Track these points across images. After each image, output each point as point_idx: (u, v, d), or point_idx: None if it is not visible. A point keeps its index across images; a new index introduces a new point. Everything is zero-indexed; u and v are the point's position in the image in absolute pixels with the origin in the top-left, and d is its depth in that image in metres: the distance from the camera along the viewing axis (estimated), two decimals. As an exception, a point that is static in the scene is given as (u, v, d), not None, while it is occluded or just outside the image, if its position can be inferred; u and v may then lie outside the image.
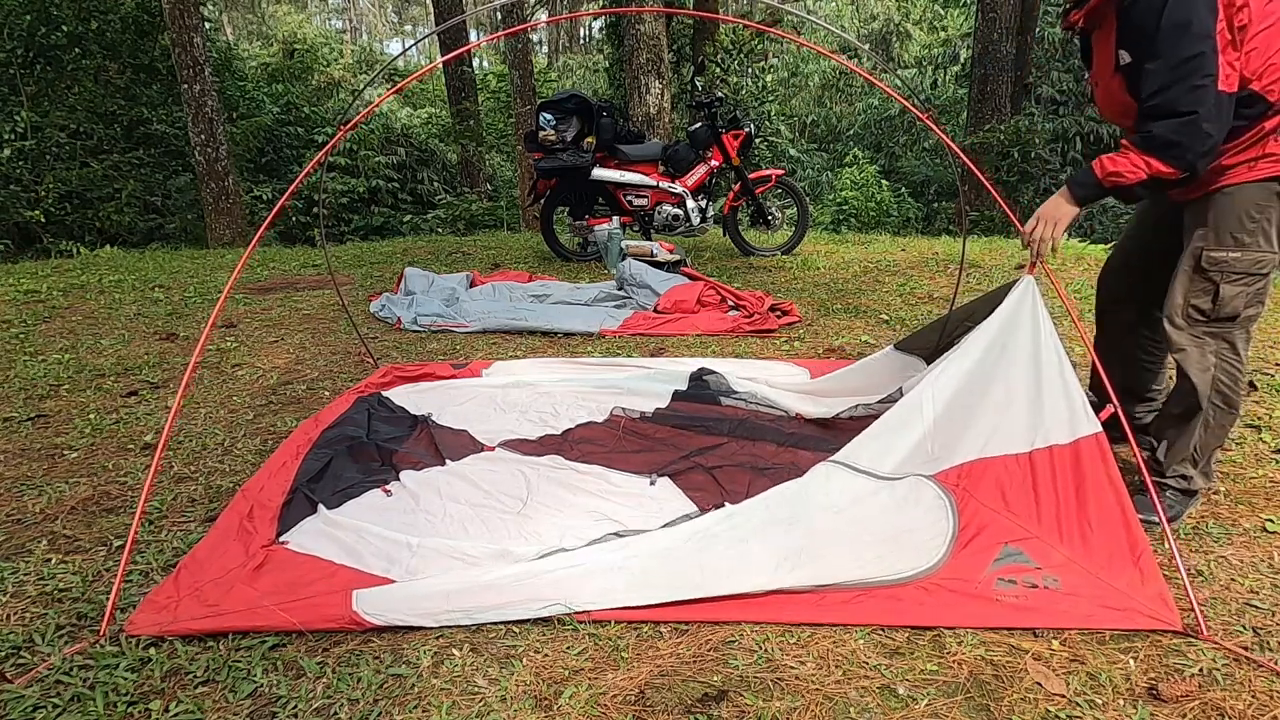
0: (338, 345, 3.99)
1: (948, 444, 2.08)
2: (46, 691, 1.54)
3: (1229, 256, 1.91)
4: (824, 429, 2.73)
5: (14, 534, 2.16)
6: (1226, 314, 1.94)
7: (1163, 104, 1.79)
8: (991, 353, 2.12)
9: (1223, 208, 1.91)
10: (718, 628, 1.70)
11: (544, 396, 3.06)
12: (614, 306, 4.54)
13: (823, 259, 5.92)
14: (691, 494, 2.29)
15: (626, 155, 5.90)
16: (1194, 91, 1.75)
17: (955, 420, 2.09)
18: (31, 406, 3.17)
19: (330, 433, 2.63)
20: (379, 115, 14.64)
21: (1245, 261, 1.90)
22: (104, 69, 10.93)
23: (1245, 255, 1.90)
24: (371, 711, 1.48)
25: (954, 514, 1.91)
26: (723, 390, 2.97)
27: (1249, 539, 2.00)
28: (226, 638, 1.68)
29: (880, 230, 10.44)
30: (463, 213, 11.03)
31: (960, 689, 1.51)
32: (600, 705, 1.49)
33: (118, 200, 10.46)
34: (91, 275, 5.96)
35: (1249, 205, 1.88)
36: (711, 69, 10.95)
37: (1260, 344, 3.53)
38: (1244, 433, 2.63)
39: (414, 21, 38.58)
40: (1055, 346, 2.05)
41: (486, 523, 2.14)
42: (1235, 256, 1.91)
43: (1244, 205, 1.88)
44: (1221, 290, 1.93)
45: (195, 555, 1.93)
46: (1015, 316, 2.13)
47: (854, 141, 16.57)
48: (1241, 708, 1.44)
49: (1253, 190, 1.87)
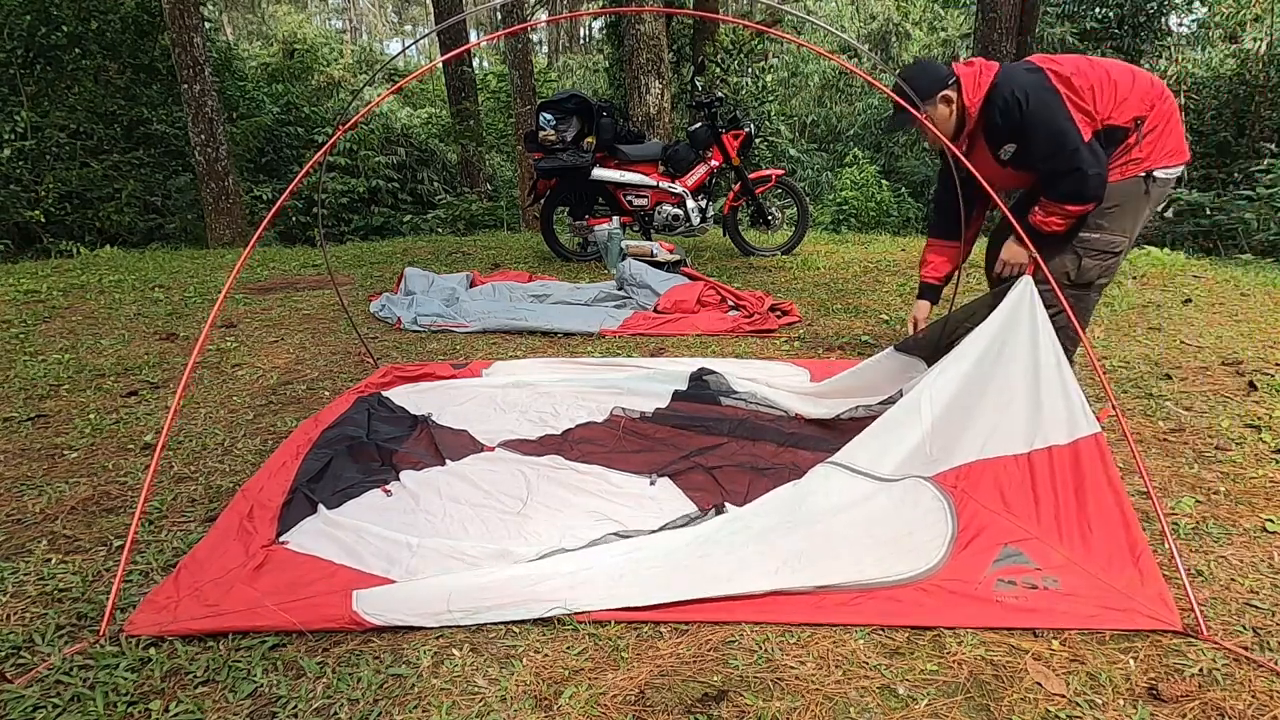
0: (338, 345, 3.99)
1: (946, 445, 2.08)
2: (46, 691, 1.54)
3: (1091, 236, 2.52)
4: (824, 429, 2.73)
5: (14, 534, 2.16)
6: (1083, 281, 2.55)
7: (1054, 168, 2.43)
8: (990, 354, 2.13)
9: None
10: (718, 628, 1.70)
11: (544, 396, 3.06)
12: (614, 306, 4.54)
13: (823, 259, 5.92)
14: (691, 494, 2.29)
15: (626, 155, 5.89)
16: (1071, 155, 2.39)
17: (954, 422, 2.09)
18: (31, 406, 3.17)
19: (330, 433, 2.63)
20: (379, 115, 14.64)
21: (1101, 241, 2.51)
22: (104, 69, 10.92)
23: (1101, 236, 2.51)
24: (371, 711, 1.48)
25: (953, 515, 1.91)
26: (723, 390, 2.97)
27: (1249, 539, 2.00)
28: (226, 638, 1.68)
29: (880, 230, 10.44)
30: (463, 213, 11.03)
31: (960, 689, 1.51)
32: (600, 705, 1.49)
33: (118, 200, 10.46)
34: (91, 275, 5.96)
35: (1111, 199, 2.47)
36: (711, 69, 10.96)
37: (1260, 344, 3.53)
38: (1244, 433, 2.63)
39: (414, 21, 38.58)
40: (1053, 347, 2.05)
41: (486, 523, 2.14)
42: (1095, 236, 2.51)
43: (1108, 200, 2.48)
44: (1083, 263, 2.53)
45: (195, 555, 1.93)
46: (1014, 317, 2.14)
47: (854, 141, 16.57)
48: (1241, 708, 1.44)
49: (1116, 188, 2.47)
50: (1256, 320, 3.94)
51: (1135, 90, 2.43)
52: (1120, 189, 2.47)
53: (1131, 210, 2.49)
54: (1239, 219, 8.08)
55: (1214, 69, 13.19)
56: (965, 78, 2.53)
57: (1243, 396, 2.94)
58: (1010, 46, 10.79)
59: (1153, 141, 2.45)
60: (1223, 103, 12.21)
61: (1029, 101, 2.41)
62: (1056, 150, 2.39)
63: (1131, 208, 2.49)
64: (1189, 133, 11.97)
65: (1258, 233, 7.79)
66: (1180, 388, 3.06)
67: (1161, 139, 2.46)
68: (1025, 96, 2.41)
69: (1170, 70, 12.62)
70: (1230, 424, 2.70)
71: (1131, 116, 2.42)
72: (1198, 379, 3.15)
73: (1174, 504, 2.18)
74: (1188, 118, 11.94)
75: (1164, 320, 4.01)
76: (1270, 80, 11.74)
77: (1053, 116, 2.38)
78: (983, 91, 2.50)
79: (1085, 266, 2.52)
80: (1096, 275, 2.53)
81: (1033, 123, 2.41)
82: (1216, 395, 2.97)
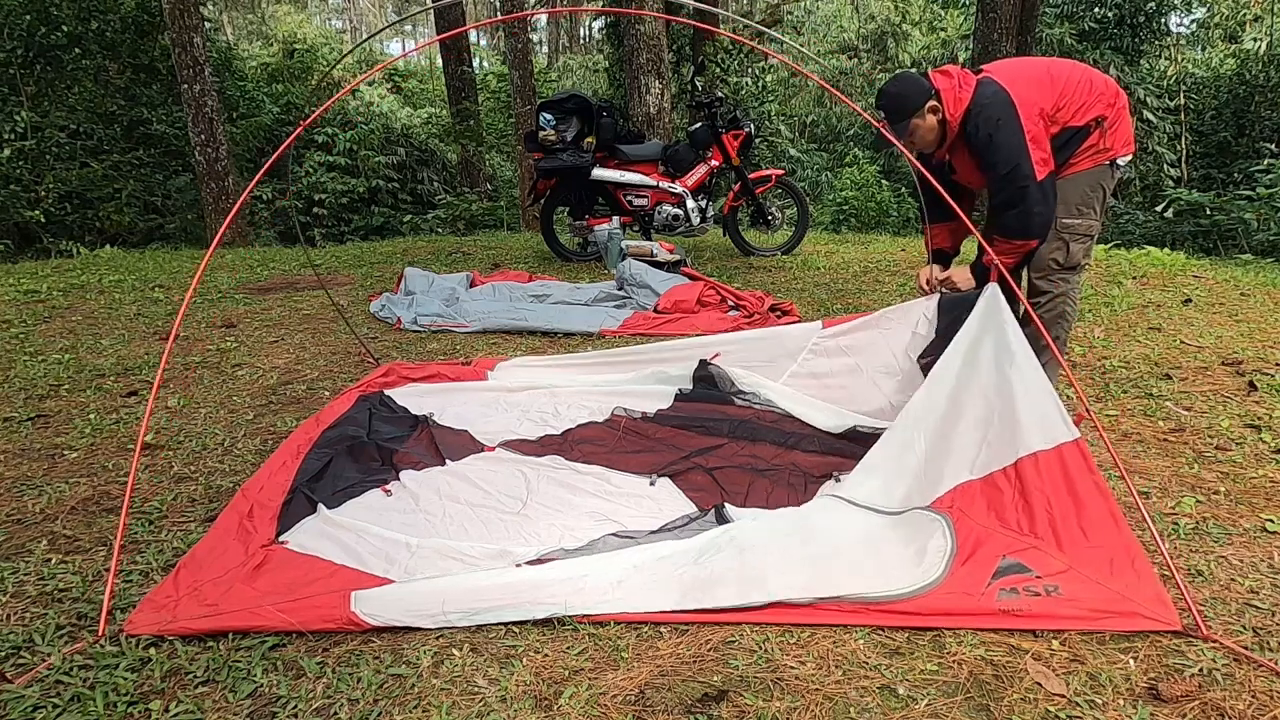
0: (338, 345, 3.99)
1: (938, 471, 2.08)
2: (46, 691, 1.54)
3: (1074, 223, 2.63)
4: (824, 430, 2.72)
5: (14, 534, 2.16)
6: (1072, 265, 2.68)
7: (1004, 201, 2.56)
8: (966, 373, 2.14)
9: (1069, 189, 2.61)
10: (718, 628, 1.70)
11: (545, 396, 3.06)
12: (614, 306, 4.54)
13: (823, 259, 5.92)
14: (691, 495, 2.29)
15: (626, 155, 5.89)
16: (1021, 193, 2.51)
17: (942, 447, 2.10)
18: (31, 406, 3.17)
19: (330, 432, 2.63)
20: (379, 115, 14.62)
21: (1083, 225, 2.64)
22: (104, 69, 10.91)
23: (1083, 220, 2.64)
24: (371, 711, 1.48)
25: (951, 533, 1.90)
26: (727, 389, 2.95)
27: (1249, 539, 2.00)
28: (226, 638, 1.68)
29: (880, 230, 10.44)
30: (463, 213, 11.01)
31: (960, 689, 1.51)
32: (600, 705, 1.48)
33: (118, 200, 10.45)
34: (91, 275, 5.96)
35: (1086, 185, 2.62)
36: (711, 69, 10.95)
37: (1260, 344, 3.53)
38: (1244, 433, 2.63)
39: (414, 21, 38.53)
40: (1025, 354, 2.05)
41: (486, 523, 2.14)
42: (1078, 222, 2.64)
43: (1083, 184, 2.62)
44: (1070, 247, 2.66)
45: (195, 555, 1.93)
46: (982, 330, 2.16)
47: (854, 141, 16.56)
48: (1241, 708, 1.44)
49: (1086, 175, 2.61)
50: (1256, 320, 3.94)
51: (1093, 95, 2.59)
52: (1093, 175, 2.62)
53: (1101, 195, 2.67)
54: (1239, 219, 8.08)
55: (1214, 69, 13.19)
56: (945, 92, 2.59)
57: (1243, 396, 2.94)
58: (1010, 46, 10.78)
59: (1113, 135, 2.61)
60: (1223, 103, 12.21)
61: (996, 134, 2.51)
62: (1006, 186, 2.53)
63: (1101, 193, 2.67)
64: (1189, 133, 11.96)
65: (1258, 233, 7.79)
66: (1180, 388, 3.06)
67: (1119, 131, 2.63)
68: (995, 129, 2.52)
69: (1170, 70, 12.62)
70: (1230, 424, 2.70)
71: (1093, 117, 2.58)
72: (1198, 379, 3.15)
73: (1174, 504, 2.18)
74: (1188, 118, 11.93)
75: (1164, 320, 4.01)
76: (1270, 80, 11.74)
77: (1014, 154, 2.50)
78: (963, 106, 2.57)
79: (1073, 251, 2.67)
80: (1081, 257, 2.69)
81: (996, 157, 2.52)
82: (1216, 395, 2.97)
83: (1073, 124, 2.57)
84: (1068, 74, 2.60)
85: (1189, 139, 11.91)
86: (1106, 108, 2.58)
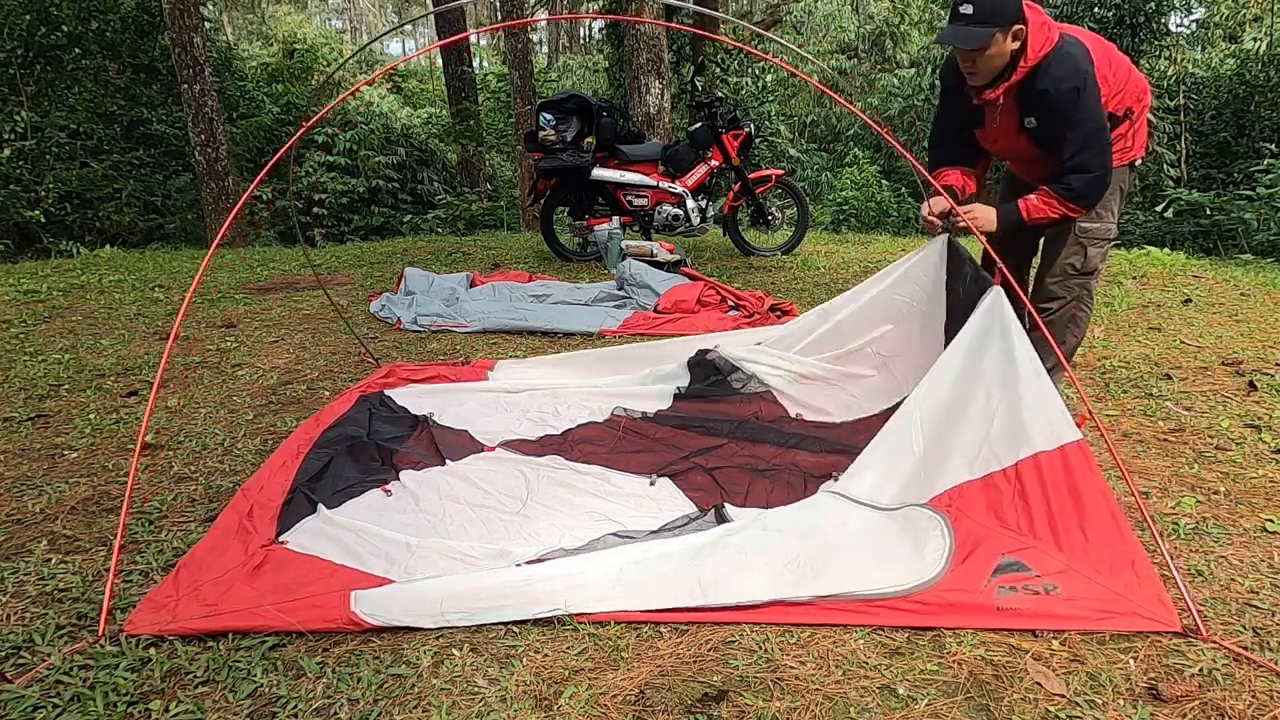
0: (338, 345, 3.99)
1: (936, 470, 2.07)
2: (46, 691, 1.54)
3: (1093, 226, 2.53)
4: (824, 430, 2.73)
5: (14, 534, 2.16)
6: (1089, 270, 2.59)
7: (1081, 163, 2.34)
8: (967, 373, 2.13)
9: None
10: (718, 628, 1.70)
11: (545, 396, 3.06)
12: (614, 306, 4.54)
13: (823, 259, 5.92)
14: (691, 494, 2.29)
15: (626, 155, 5.89)
16: (1104, 154, 2.35)
17: (941, 447, 2.09)
18: (31, 406, 3.17)
19: (330, 432, 2.63)
20: (379, 115, 14.62)
21: (1102, 229, 2.54)
22: (104, 69, 10.92)
23: (1102, 224, 2.54)
24: (371, 711, 1.48)
25: (950, 532, 1.90)
26: (727, 370, 2.95)
27: (1249, 539, 2.00)
28: (226, 638, 1.68)
29: (880, 230, 10.43)
30: (463, 213, 11.02)
31: (960, 689, 1.51)
32: (600, 705, 1.49)
33: (118, 200, 10.45)
34: (91, 275, 5.96)
35: (1111, 188, 2.46)
36: (711, 69, 10.96)
37: (1260, 344, 3.53)
38: (1244, 433, 2.63)
39: (414, 22, 38.50)
40: (1029, 355, 2.05)
41: (486, 523, 2.14)
42: (1096, 226, 2.53)
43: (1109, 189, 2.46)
44: (1088, 251, 2.56)
45: (195, 555, 1.93)
46: (986, 331, 2.15)
47: (854, 141, 16.55)
48: (1241, 708, 1.44)
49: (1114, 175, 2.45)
50: (1256, 320, 3.94)
51: (1131, 82, 2.48)
52: (1117, 175, 2.48)
53: (1119, 197, 2.56)
54: (1239, 219, 8.07)
55: (1214, 69, 13.18)
56: (1033, 26, 2.30)
57: (1243, 396, 2.94)
58: (1010, 46, 10.71)
59: (1136, 132, 2.54)
60: (1223, 103, 12.20)
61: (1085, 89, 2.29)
62: (1090, 146, 2.33)
63: (1120, 195, 2.57)
64: (1189, 133, 11.96)
65: (1258, 233, 7.78)
66: (1180, 388, 3.06)
67: (1141, 131, 2.56)
68: (1084, 83, 2.30)
69: (1170, 70, 12.61)
70: (1230, 424, 2.70)
71: (1126, 106, 2.47)
72: (1198, 379, 3.15)
73: (1174, 504, 2.18)
74: (1188, 118, 11.94)
75: (1164, 320, 4.01)
76: (1270, 80, 11.74)
77: (1099, 114, 2.33)
78: (1044, 50, 2.30)
79: (1090, 255, 2.56)
80: (1098, 261, 2.60)
81: (1082, 114, 2.30)
82: (1216, 395, 2.97)
83: (1110, 109, 2.42)
84: (1117, 55, 2.48)
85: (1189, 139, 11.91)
86: (1136, 101, 2.49)
